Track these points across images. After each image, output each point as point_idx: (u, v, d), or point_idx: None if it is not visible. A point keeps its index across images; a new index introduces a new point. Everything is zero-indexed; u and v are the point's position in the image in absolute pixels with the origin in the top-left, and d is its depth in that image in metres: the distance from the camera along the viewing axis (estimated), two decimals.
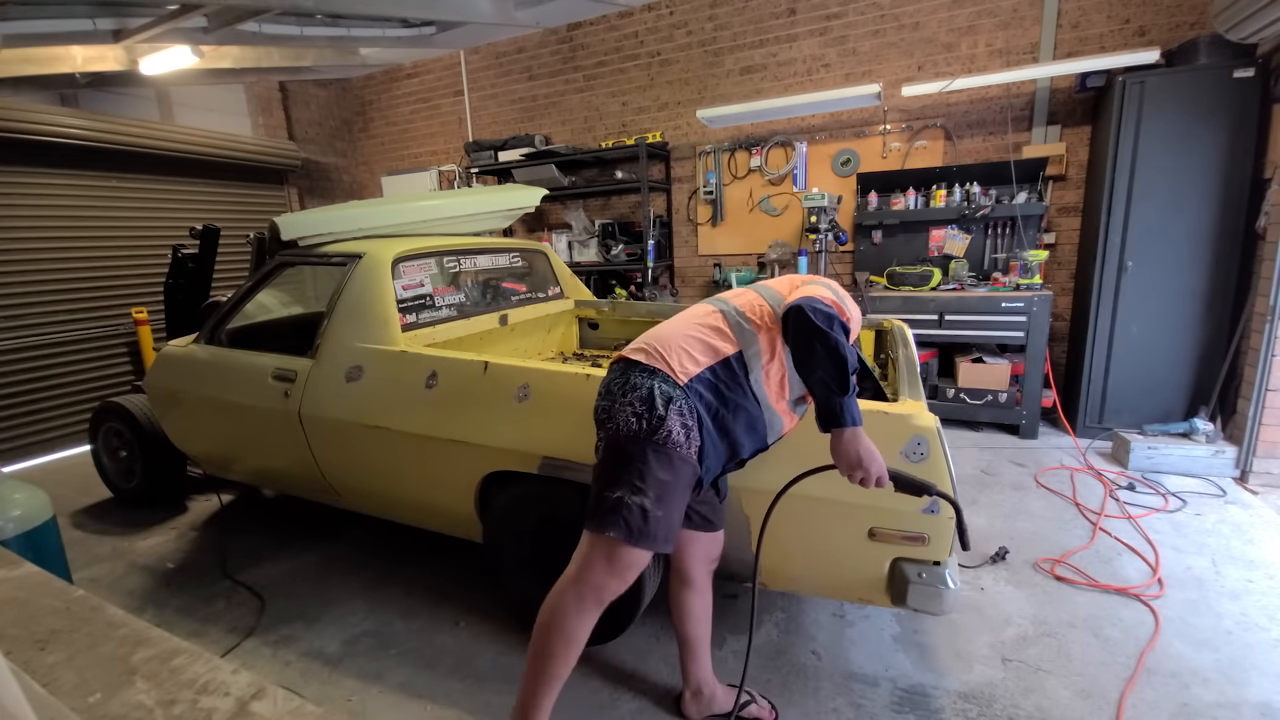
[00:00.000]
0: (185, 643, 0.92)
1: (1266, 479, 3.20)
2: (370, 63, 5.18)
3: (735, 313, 1.53)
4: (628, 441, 1.38)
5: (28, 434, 4.49)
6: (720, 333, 1.49)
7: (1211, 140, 3.36)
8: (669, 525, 1.39)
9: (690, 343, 1.46)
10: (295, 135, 6.32)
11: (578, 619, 1.42)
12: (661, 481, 1.36)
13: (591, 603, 1.42)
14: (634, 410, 1.38)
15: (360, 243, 2.67)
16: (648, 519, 1.35)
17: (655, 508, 1.36)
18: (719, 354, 1.46)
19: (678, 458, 1.38)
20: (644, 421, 1.37)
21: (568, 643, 1.42)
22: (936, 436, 1.61)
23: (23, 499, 1.96)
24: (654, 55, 5.31)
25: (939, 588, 1.64)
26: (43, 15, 3.34)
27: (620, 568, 1.40)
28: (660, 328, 1.55)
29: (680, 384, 1.40)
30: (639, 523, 1.35)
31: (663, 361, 1.43)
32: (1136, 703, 1.82)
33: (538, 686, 1.45)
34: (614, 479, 1.39)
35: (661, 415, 1.36)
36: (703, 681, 1.78)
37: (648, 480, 1.36)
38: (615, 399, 1.42)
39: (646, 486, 1.36)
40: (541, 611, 1.45)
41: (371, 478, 2.42)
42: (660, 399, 1.38)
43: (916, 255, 4.49)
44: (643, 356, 1.46)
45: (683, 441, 1.38)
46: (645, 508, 1.35)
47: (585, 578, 1.41)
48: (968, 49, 4.31)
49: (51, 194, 4.52)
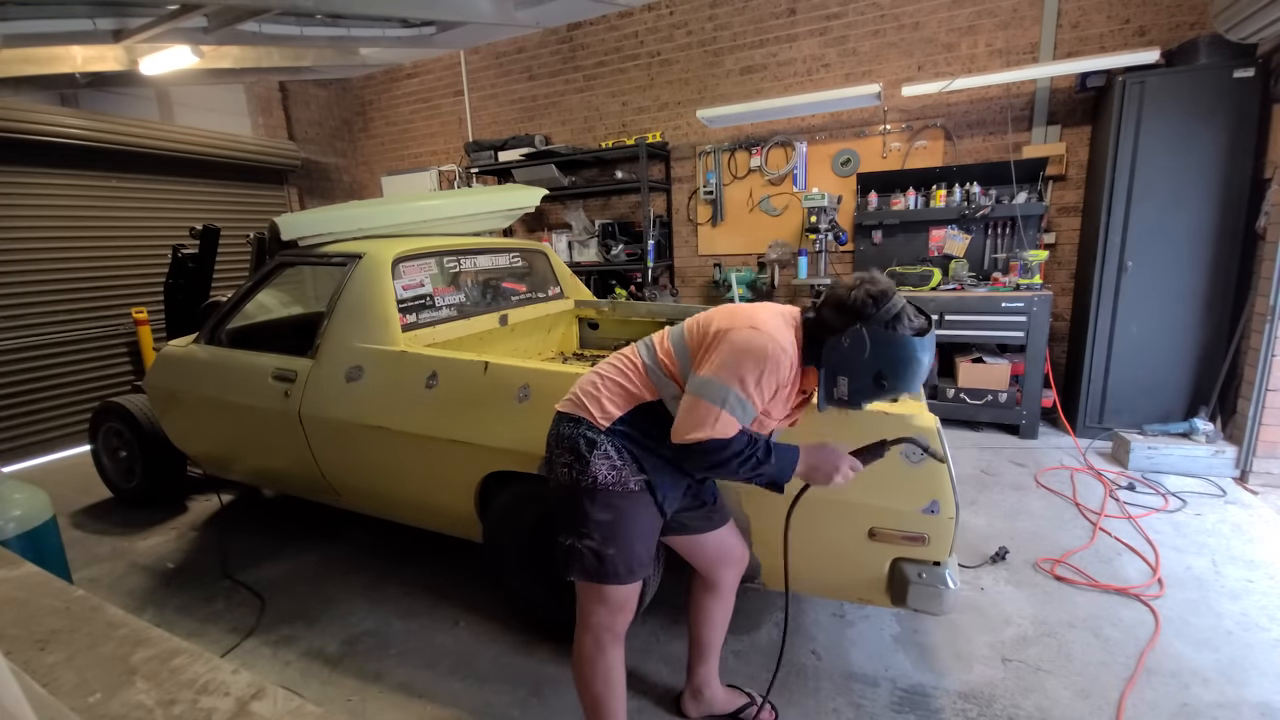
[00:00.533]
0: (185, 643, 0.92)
1: (1266, 479, 3.20)
2: (370, 63, 5.18)
3: (654, 364, 1.48)
4: (564, 491, 1.46)
5: (28, 434, 4.49)
6: (640, 378, 1.48)
7: (1211, 140, 3.36)
8: (628, 558, 1.44)
9: (611, 386, 1.48)
10: (295, 135, 6.32)
11: (603, 658, 1.49)
12: (603, 522, 1.42)
13: (608, 641, 1.49)
14: (563, 461, 1.45)
15: (360, 243, 2.67)
16: (601, 559, 1.42)
17: (605, 547, 1.42)
18: (639, 398, 1.46)
19: (614, 495, 1.42)
20: (572, 470, 1.43)
21: (608, 682, 1.50)
22: (936, 436, 1.61)
23: (23, 499, 1.96)
24: (654, 55, 5.31)
25: (939, 588, 1.64)
26: (43, 15, 3.34)
27: (612, 605, 1.47)
28: (590, 372, 1.58)
29: (602, 429, 1.44)
30: (594, 564, 1.42)
31: (584, 409, 1.47)
32: (1136, 703, 1.82)
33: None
34: (563, 527, 1.47)
35: (586, 460, 1.41)
36: (705, 682, 1.78)
37: (589, 524, 1.42)
38: (551, 452, 1.50)
39: (590, 530, 1.42)
40: (573, 667, 1.53)
41: (371, 478, 2.42)
42: (584, 446, 1.42)
43: (916, 255, 4.49)
44: (569, 406, 1.51)
45: (613, 480, 1.41)
46: (595, 549, 1.42)
47: (589, 621, 1.49)
48: (968, 49, 4.31)
49: (51, 194, 4.52)
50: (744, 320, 1.38)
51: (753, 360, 1.30)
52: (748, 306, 1.46)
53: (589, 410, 1.46)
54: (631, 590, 1.48)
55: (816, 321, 1.39)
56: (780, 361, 1.32)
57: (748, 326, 1.35)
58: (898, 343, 1.29)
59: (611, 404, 1.45)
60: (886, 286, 1.32)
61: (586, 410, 1.46)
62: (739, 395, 1.30)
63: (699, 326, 1.45)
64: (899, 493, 1.64)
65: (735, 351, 1.32)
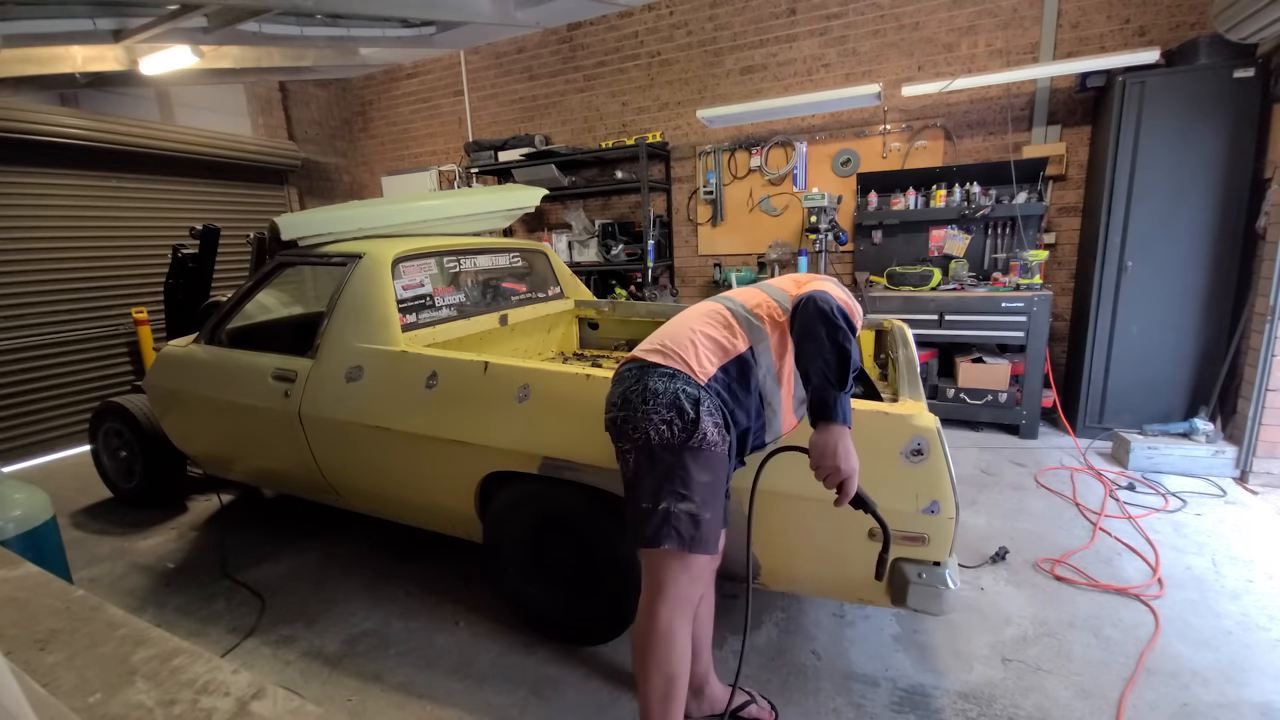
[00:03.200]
0: (185, 643, 0.92)
1: (1266, 479, 3.20)
2: (370, 63, 5.18)
3: (743, 309, 1.52)
4: (663, 450, 1.35)
5: (28, 434, 4.49)
6: (731, 329, 1.48)
7: (1211, 140, 3.36)
8: (719, 523, 1.39)
9: (704, 340, 1.44)
10: (295, 135, 6.32)
11: (684, 633, 1.40)
12: (705, 484, 1.34)
13: (689, 613, 1.41)
14: (662, 418, 1.34)
15: (360, 243, 2.67)
16: (699, 524, 1.33)
17: (703, 510, 1.34)
18: (731, 352, 1.45)
19: (716, 457, 1.37)
20: (676, 427, 1.34)
21: (684, 659, 1.42)
22: (936, 436, 1.61)
23: (23, 499, 1.96)
24: (654, 55, 5.31)
25: (939, 588, 1.63)
26: (43, 15, 3.34)
27: (695, 573, 1.40)
28: (670, 326, 1.53)
29: (702, 384, 1.39)
30: (690, 530, 1.33)
31: (681, 362, 1.40)
32: (1136, 703, 1.82)
33: (672, 705, 1.42)
34: (655, 489, 1.35)
35: (694, 418, 1.33)
36: (703, 679, 1.78)
37: (691, 486, 1.33)
38: (636, 408, 1.37)
39: (691, 492, 1.33)
40: (643, 647, 1.41)
41: (371, 478, 2.42)
42: (688, 402, 1.35)
43: (916, 255, 4.49)
44: (659, 358, 1.42)
45: (719, 440, 1.36)
46: (694, 514, 1.33)
47: (671, 593, 1.39)
48: (968, 49, 4.31)
49: (51, 194, 4.52)
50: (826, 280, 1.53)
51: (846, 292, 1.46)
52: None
53: (686, 362, 1.39)
54: (713, 559, 1.43)
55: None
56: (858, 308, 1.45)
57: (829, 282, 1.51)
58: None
59: (708, 358, 1.41)
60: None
61: (683, 362, 1.40)
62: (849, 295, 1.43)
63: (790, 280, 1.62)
64: (899, 493, 1.64)
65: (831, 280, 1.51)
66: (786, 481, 1.65)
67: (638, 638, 1.42)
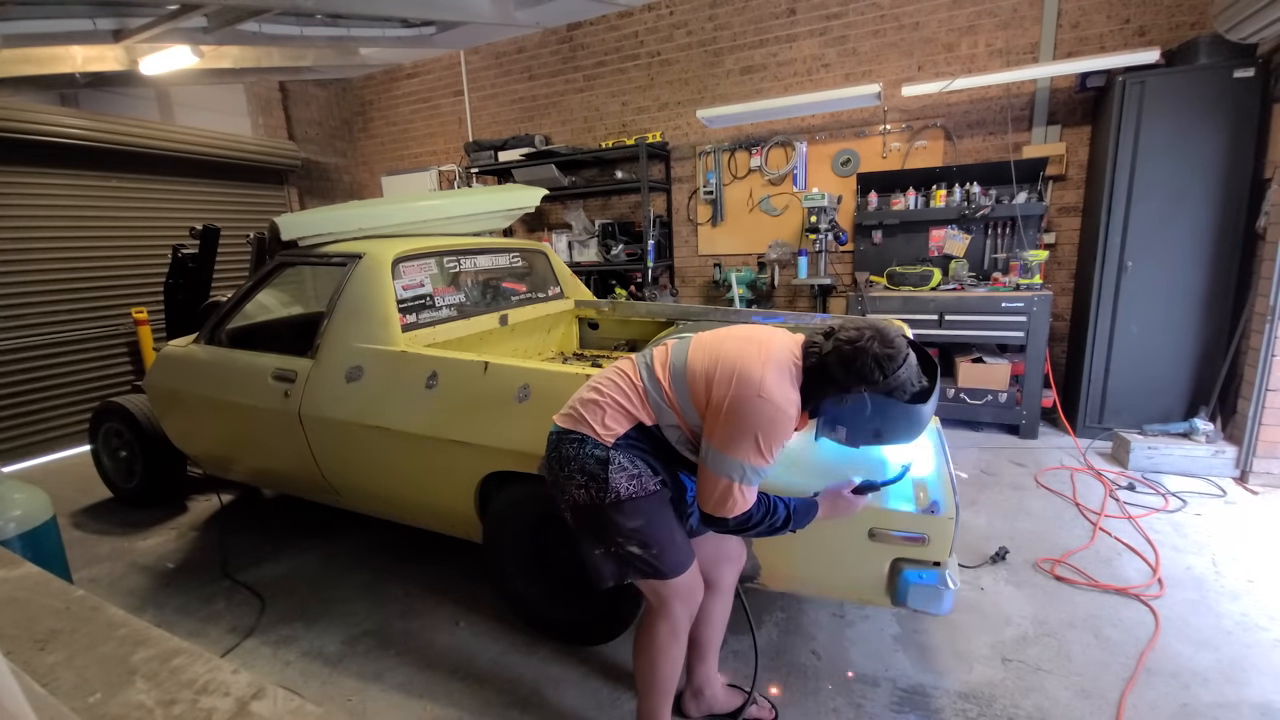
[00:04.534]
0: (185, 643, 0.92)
1: (1266, 479, 3.20)
2: (370, 63, 5.18)
3: (656, 393, 1.45)
4: (587, 511, 1.46)
5: (28, 434, 4.49)
6: (639, 401, 1.47)
7: (1211, 140, 3.35)
8: (674, 551, 1.47)
9: (612, 405, 1.46)
10: (295, 135, 6.32)
11: (677, 645, 1.55)
12: (637, 529, 1.43)
13: (686, 628, 1.56)
14: (577, 483, 1.44)
15: (360, 243, 2.67)
16: (649, 560, 1.45)
17: (648, 549, 1.44)
18: (636, 420, 1.46)
19: (639, 501, 1.43)
20: (590, 490, 1.42)
21: (678, 664, 1.57)
22: (936, 436, 1.61)
23: (23, 499, 1.96)
24: (654, 55, 5.31)
25: (939, 588, 1.64)
26: (43, 15, 3.34)
27: (683, 592, 1.51)
28: (587, 386, 1.55)
29: (608, 445, 1.43)
30: (646, 565, 1.45)
31: (588, 426, 1.45)
32: (1136, 703, 1.82)
33: (661, 702, 1.60)
34: (596, 541, 1.48)
35: (604, 479, 1.41)
36: (706, 681, 1.78)
37: (624, 533, 1.43)
38: (556, 474, 1.49)
39: (627, 539, 1.44)
40: (642, 649, 1.57)
41: (371, 478, 2.42)
42: (596, 466, 1.42)
43: (916, 255, 4.49)
44: (568, 422, 1.49)
45: (635, 489, 1.42)
46: (639, 554, 1.44)
47: (668, 612, 1.52)
48: (968, 49, 4.30)
49: (51, 194, 4.52)
50: (750, 385, 1.34)
51: (762, 431, 1.32)
52: (751, 353, 1.39)
53: (591, 427, 1.45)
54: (692, 574, 1.51)
55: (819, 369, 1.36)
56: (786, 426, 1.35)
57: (755, 395, 1.33)
58: (900, 408, 1.33)
59: (614, 421, 1.45)
60: (896, 349, 1.29)
61: (589, 427, 1.45)
62: (752, 467, 1.35)
63: (703, 372, 1.40)
64: (899, 493, 1.64)
65: (744, 423, 1.33)
66: (786, 481, 1.65)
67: (638, 645, 1.58)
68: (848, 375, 1.31)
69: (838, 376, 1.32)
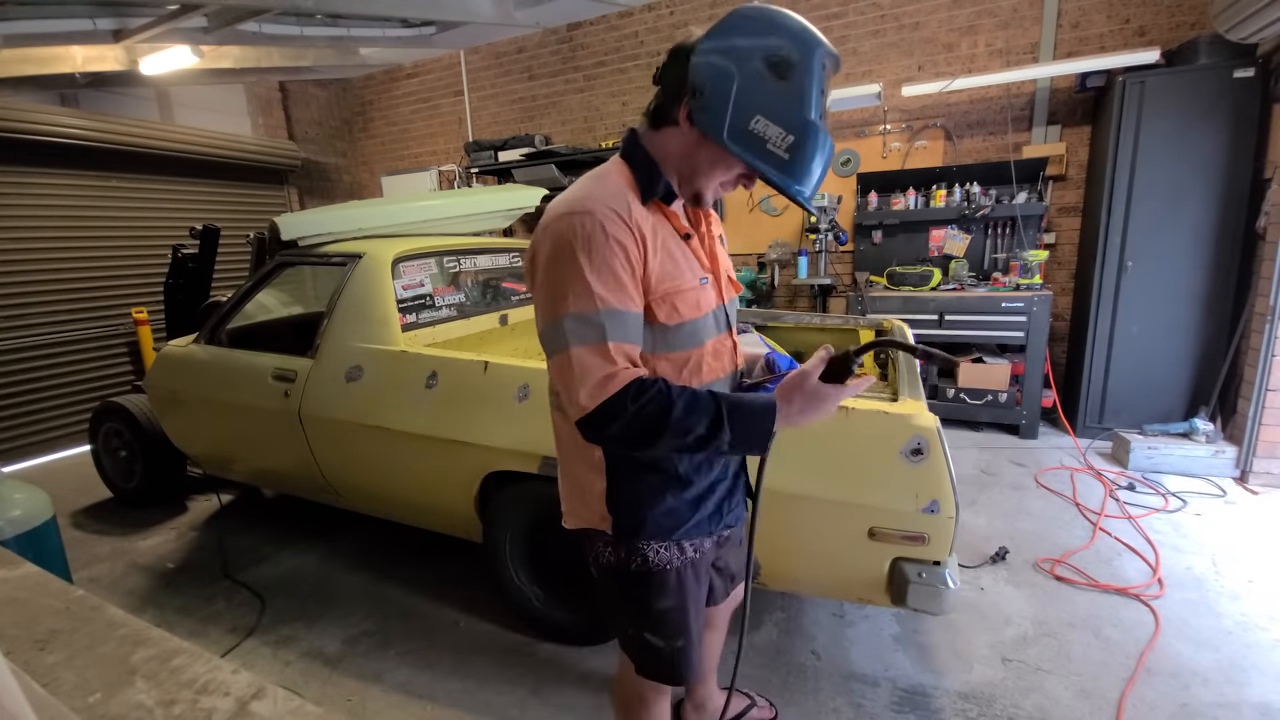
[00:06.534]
0: (185, 643, 0.92)
1: (1266, 479, 3.20)
2: (370, 63, 5.19)
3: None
4: (611, 575, 1.19)
5: (28, 434, 4.49)
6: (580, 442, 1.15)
7: (1211, 140, 3.35)
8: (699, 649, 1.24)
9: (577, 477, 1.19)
10: (295, 135, 6.32)
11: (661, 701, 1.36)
12: (667, 611, 1.17)
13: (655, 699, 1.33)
14: (603, 540, 1.17)
15: (360, 243, 2.67)
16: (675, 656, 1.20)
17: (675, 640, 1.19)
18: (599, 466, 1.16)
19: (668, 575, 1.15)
20: (617, 550, 1.15)
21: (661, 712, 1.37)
22: (936, 436, 1.61)
23: (23, 499, 1.96)
24: (654, 55, 5.30)
25: (939, 588, 1.63)
26: (43, 15, 3.35)
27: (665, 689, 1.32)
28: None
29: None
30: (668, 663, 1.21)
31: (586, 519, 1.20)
32: (1136, 703, 1.82)
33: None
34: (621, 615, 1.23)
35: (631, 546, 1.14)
36: (706, 696, 1.76)
37: (650, 617, 1.18)
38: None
39: (652, 624, 1.18)
40: (619, 700, 1.39)
41: (371, 478, 2.42)
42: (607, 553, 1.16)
43: (916, 255, 4.49)
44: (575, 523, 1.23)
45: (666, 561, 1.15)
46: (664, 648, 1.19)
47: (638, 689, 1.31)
48: (968, 49, 4.30)
49: (51, 194, 4.52)
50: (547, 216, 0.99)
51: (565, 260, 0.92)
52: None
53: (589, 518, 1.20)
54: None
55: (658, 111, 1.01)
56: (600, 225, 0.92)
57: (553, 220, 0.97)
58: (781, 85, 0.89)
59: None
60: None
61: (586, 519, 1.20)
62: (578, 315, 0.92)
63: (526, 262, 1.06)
64: (899, 492, 1.64)
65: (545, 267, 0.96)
66: (786, 481, 1.65)
67: (617, 695, 1.41)
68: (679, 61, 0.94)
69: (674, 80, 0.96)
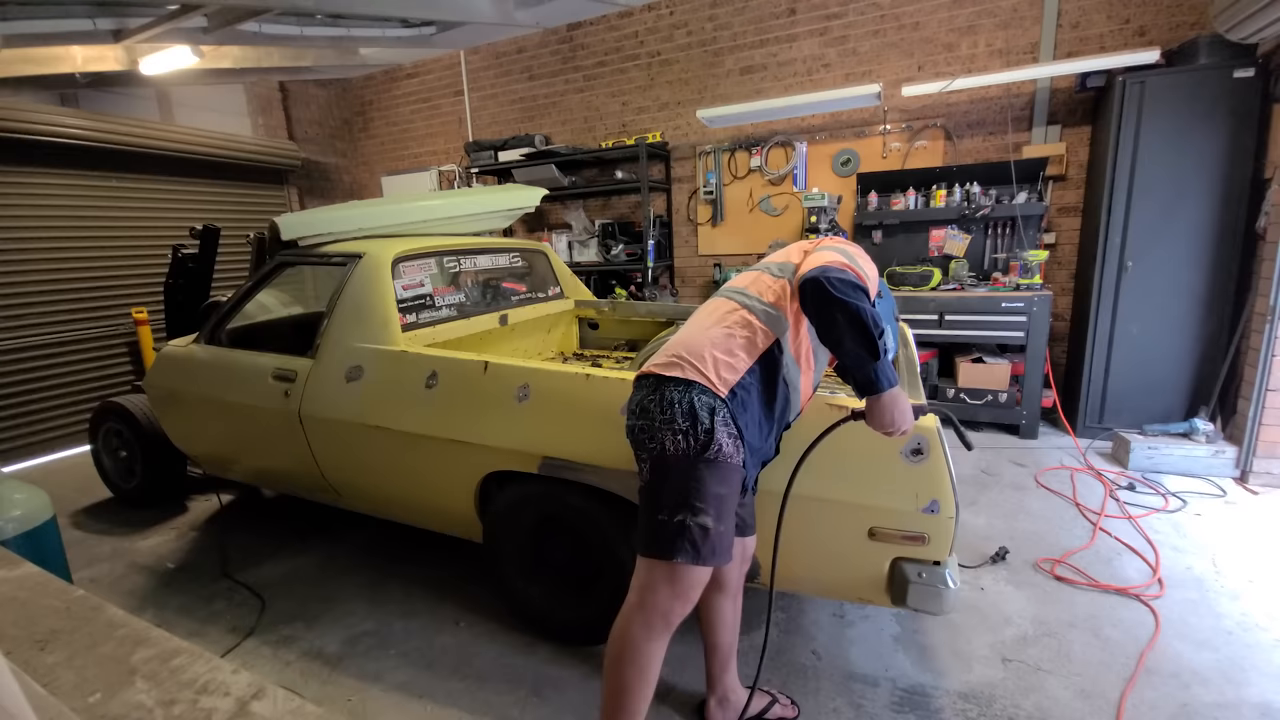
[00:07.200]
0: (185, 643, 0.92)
1: (1266, 479, 3.20)
2: (370, 63, 5.18)
3: (760, 304, 1.47)
4: (678, 461, 1.34)
5: (28, 434, 4.49)
6: (751, 328, 1.43)
7: (1211, 140, 3.35)
8: (729, 538, 1.38)
9: (725, 348, 1.40)
10: (295, 135, 6.32)
11: (649, 647, 1.38)
12: (719, 496, 1.33)
13: (661, 629, 1.38)
14: (678, 427, 1.33)
15: (360, 243, 2.67)
16: (709, 536, 1.32)
17: (716, 524, 1.33)
18: (758, 351, 1.41)
19: (730, 468, 1.35)
20: (691, 438, 1.32)
21: (641, 673, 1.39)
22: (936, 436, 1.61)
23: (23, 499, 1.96)
24: (654, 55, 5.31)
25: (939, 587, 1.64)
26: (43, 15, 3.34)
27: (685, 588, 1.37)
28: (686, 335, 1.48)
29: (721, 395, 1.35)
30: (703, 543, 1.32)
31: (698, 373, 1.36)
32: (1136, 703, 1.82)
33: (621, 715, 1.41)
34: (671, 502, 1.34)
35: (709, 429, 1.32)
36: (730, 688, 1.77)
37: (706, 498, 1.32)
38: (654, 418, 1.36)
39: (706, 505, 1.32)
40: (610, 645, 1.42)
41: (371, 478, 2.42)
42: (704, 412, 1.32)
43: (916, 255, 4.49)
44: (676, 370, 1.38)
45: (732, 452, 1.35)
46: (706, 526, 1.32)
47: (652, 604, 1.37)
48: (968, 49, 4.30)
49: (51, 194, 4.52)
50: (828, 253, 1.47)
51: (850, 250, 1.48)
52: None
53: (703, 374, 1.36)
54: (706, 575, 1.40)
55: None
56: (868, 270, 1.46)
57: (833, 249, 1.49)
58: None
59: (728, 368, 1.37)
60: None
61: (700, 373, 1.36)
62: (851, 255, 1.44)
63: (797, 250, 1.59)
64: (899, 492, 1.64)
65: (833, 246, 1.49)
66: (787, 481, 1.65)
67: (609, 641, 1.43)
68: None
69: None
